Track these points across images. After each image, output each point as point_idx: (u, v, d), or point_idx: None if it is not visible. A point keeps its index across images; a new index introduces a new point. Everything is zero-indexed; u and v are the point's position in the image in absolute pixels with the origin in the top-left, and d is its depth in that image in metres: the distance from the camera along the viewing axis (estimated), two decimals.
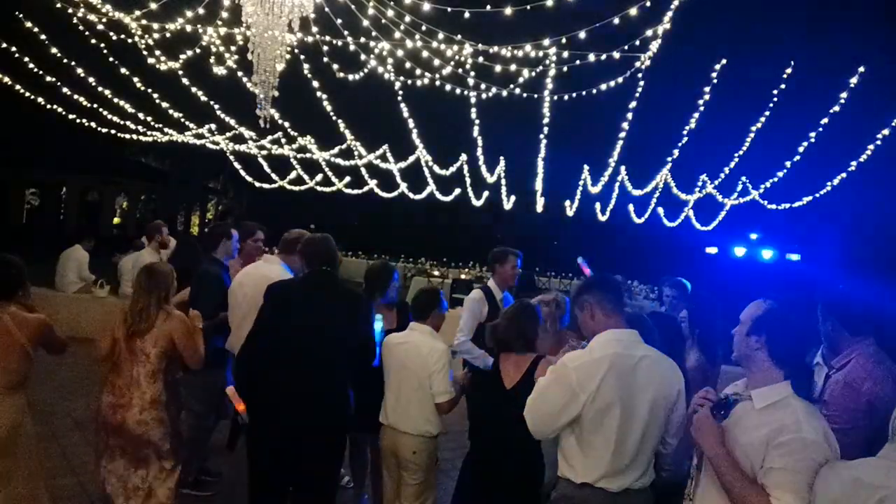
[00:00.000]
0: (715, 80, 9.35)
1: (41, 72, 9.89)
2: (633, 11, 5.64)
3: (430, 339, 3.40)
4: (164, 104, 11.83)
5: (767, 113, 11.21)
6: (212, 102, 11.44)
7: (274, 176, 21.94)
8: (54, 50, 8.83)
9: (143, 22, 7.19)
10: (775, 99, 10.49)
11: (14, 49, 9.19)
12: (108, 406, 3.27)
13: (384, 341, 3.48)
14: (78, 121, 13.01)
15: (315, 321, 3.14)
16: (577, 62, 6.81)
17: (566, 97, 8.20)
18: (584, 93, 7.93)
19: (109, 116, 12.72)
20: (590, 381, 2.32)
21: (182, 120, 13.44)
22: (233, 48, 7.35)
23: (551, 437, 2.49)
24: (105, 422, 3.30)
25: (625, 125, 10.98)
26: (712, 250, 19.30)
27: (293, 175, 21.60)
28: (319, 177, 21.37)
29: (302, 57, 8.20)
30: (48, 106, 11.63)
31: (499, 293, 4.45)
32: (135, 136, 15.07)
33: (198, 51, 7.66)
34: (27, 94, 10.95)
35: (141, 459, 3.38)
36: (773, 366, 2.03)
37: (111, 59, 9.16)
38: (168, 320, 3.34)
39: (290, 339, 3.15)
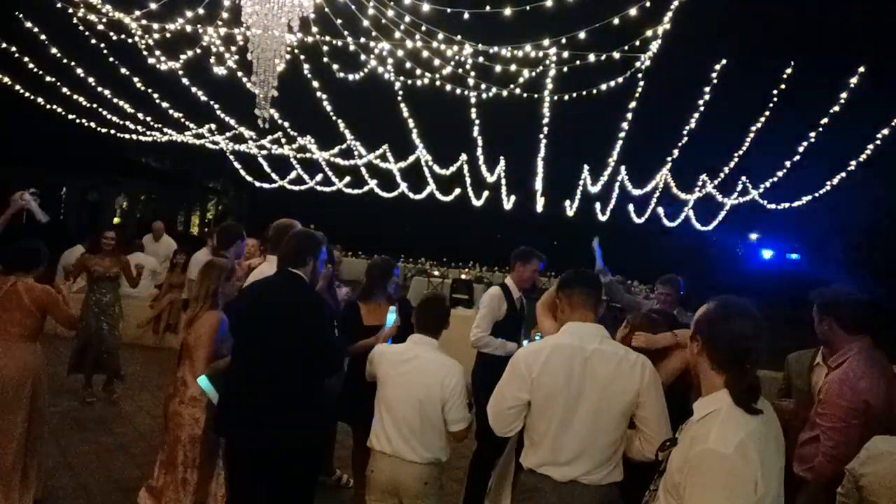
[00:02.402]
0: (715, 80, 9.34)
1: (41, 72, 9.88)
2: (633, 11, 5.63)
3: (442, 356, 2.98)
4: (164, 104, 11.83)
5: (767, 113, 11.21)
6: (212, 102, 11.43)
7: (274, 176, 21.96)
8: (54, 50, 8.83)
9: (143, 22, 7.19)
10: (775, 99, 10.48)
11: (14, 49, 9.19)
12: (166, 397, 3.63)
13: (379, 349, 3.16)
14: (78, 121, 13.01)
15: (268, 330, 2.95)
16: (577, 62, 6.81)
17: (566, 97, 8.21)
18: (584, 93, 7.93)
19: (109, 116, 12.72)
20: (534, 367, 2.42)
21: (182, 120, 13.44)
22: (233, 48, 7.35)
23: (511, 433, 2.54)
24: (164, 412, 3.61)
25: (625, 125, 10.98)
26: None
27: (293, 175, 21.62)
28: (319, 177, 21.38)
29: (302, 57, 8.19)
30: (48, 106, 11.63)
31: (516, 292, 4.41)
32: (135, 136, 15.08)
33: (198, 51, 7.66)
34: (27, 94, 10.95)
35: (167, 462, 3.45)
36: (712, 371, 1.85)
37: (111, 59, 9.16)
38: (200, 318, 3.49)
39: (249, 344, 3.01)
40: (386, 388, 2.97)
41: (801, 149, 12.53)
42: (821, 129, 11.23)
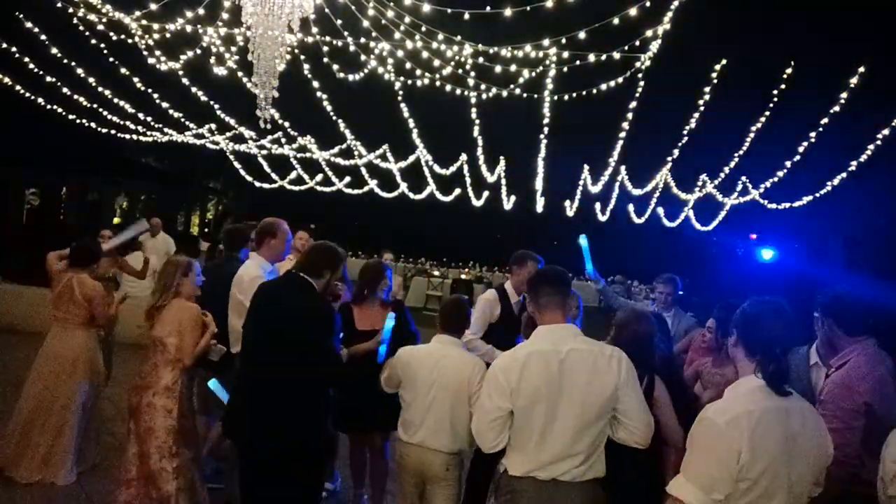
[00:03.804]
0: (715, 80, 9.34)
1: (41, 72, 9.87)
2: (633, 11, 5.64)
3: (466, 354, 3.26)
4: (164, 104, 11.82)
5: (767, 113, 11.19)
6: (212, 102, 11.43)
7: (274, 176, 21.95)
8: (54, 50, 8.83)
9: (143, 22, 7.19)
10: (775, 99, 10.47)
11: (14, 49, 9.19)
12: (131, 389, 3.66)
13: (406, 352, 3.27)
14: (78, 121, 13.01)
15: (273, 328, 2.98)
16: (577, 62, 6.81)
17: (566, 97, 8.20)
18: (584, 93, 7.93)
19: (109, 116, 12.71)
20: (512, 377, 2.41)
21: (182, 120, 13.44)
22: (233, 48, 7.35)
23: (496, 448, 2.50)
24: (129, 405, 3.65)
25: (625, 125, 10.98)
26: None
27: (293, 175, 21.61)
28: (319, 177, 21.37)
29: (302, 57, 8.19)
30: (48, 106, 11.63)
31: (514, 296, 4.36)
32: (135, 136, 15.07)
33: (198, 51, 7.66)
34: (27, 94, 10.94)
35: (139, 454, 3.49)
36: (746, 359, 2.07)
37: (111, 59, 9.15)
38: (170, 309, 3.57)
39: (253, 344, 3.07)
40: (416, 385, 3.14)
41: (801, 149, 12.52)
42: (821, 129, 11.22)
